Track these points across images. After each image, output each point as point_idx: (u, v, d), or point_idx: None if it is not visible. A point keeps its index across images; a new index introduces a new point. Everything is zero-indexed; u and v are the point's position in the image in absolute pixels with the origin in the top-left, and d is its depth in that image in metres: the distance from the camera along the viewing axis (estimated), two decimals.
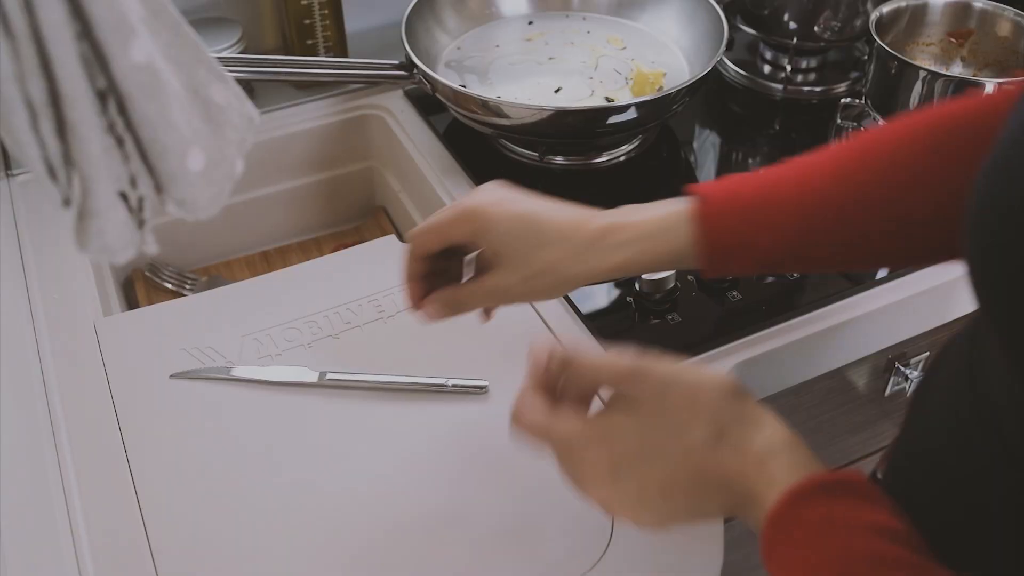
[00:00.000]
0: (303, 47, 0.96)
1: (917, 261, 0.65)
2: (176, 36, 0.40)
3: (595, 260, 0.58)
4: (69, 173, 0.37)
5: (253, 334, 0.72)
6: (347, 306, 0.74)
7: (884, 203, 0.55)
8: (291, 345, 0.71)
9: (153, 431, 0.65)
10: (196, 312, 0.74)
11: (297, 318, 0.73)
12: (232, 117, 0.43)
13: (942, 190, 0.53)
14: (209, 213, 0.41)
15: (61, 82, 0.35)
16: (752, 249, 0.56)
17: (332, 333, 0.72)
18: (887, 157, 0.55)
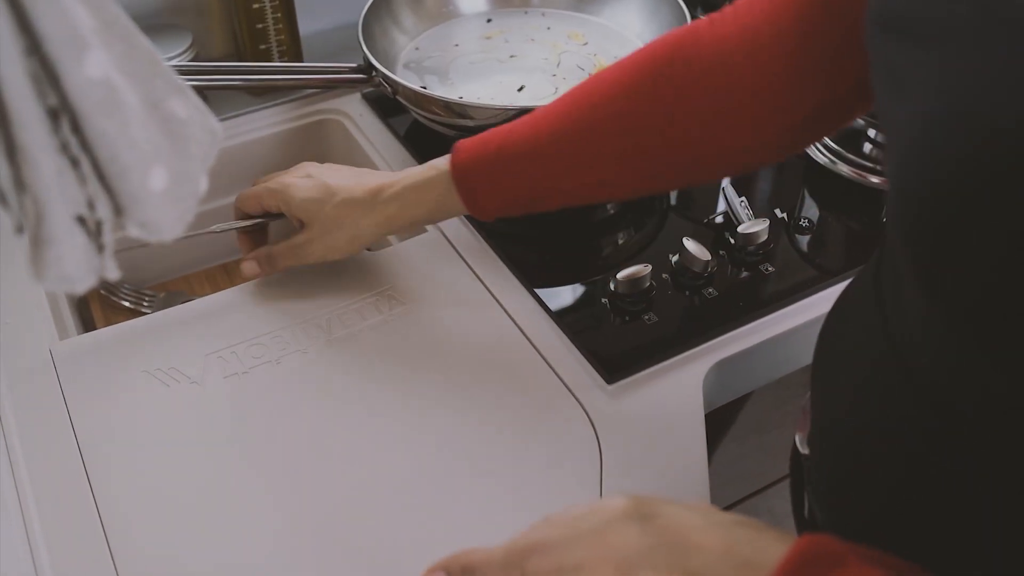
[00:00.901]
0: (256, 52, 0.93)
1: (654, 186, 0.70)
2: (130, 48, 0.38)
3: (375, 212, 0.69)
4: (21, 199, 0.35)
5: (218, 352, 0.69)
6: (313, 322, 0.72)
7: (604, 131, 0.62)
8: (258, 362, 0.68)
9: (116, 458, 0.62)
10: (156, 332, 0.71)
11: (263, 333, 0.71)
12: (195, 132, 0.40)
13: (658, 116, 0.61)
14: (174, 234, 0.39)
15: (8, 102, 0.32)
16: (499, 187, 0.66)
17: (300, 348, 0.70)
18: (607, 90, 0.62)
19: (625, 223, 0.85)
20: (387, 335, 0.70)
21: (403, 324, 0.71)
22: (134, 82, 0.37)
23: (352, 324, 0.71)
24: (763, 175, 0.90)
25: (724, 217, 0.82)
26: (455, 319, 0.72)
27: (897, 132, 0.41)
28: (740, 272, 0.77)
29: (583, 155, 0.63)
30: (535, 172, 0.65)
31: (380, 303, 0.73)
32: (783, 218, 0.82)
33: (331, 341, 0.70)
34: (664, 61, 0.61)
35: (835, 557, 0.39)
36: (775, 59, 0.58)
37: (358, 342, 0.70)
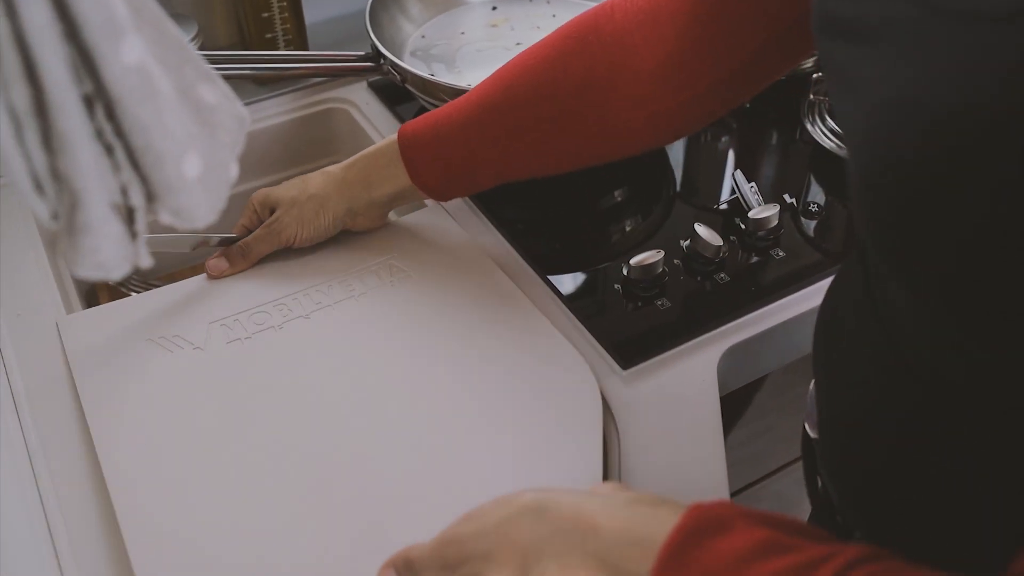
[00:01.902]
0: (262, 41, 0.93)
1: (576, 160, 0.70)
2: (160, 34, 0.38)
3: (339, 181, 0.73)
4: (57, 187, 0.35)
5: (221, 320, 0.70)
6: (316, 287, 0.73)
7: (524, 100, 0.66)
8: (260, 328, 0.69)
9: (121, 424, 0.63)
10: (161, 304, 0.72)
11: (266, 302, 0.72)
12: (223, 118, 0.40)
13: (569, 86, 0.64)
14: (207, 222, 0.39)
15: (48, 88, 0.32)
16: (436, 156, 0.69)
17: (303, 314, 0.70)
18: (529, 60, 0.66)
19: (633, 209, 0.85)
20: (390, 301, 0.71)
21: (406, 290, 0.72)
22: (165, 68, 0.37)
23: (355, 289, 0.72)
24: (769, 160, 0.91)
25: (732, 203, 0.82)
26: (459, 286, 0.73)
27: (851, 126, 0.42)
28: (751, 257, 0.77)
29: (506, 123, 0.67)
30: (466, 141, 0.68)
31: (382, 270, 0.74)
32: (792, 203, 0.83)
33: (334, 306, 0.71)
34: (578, 35, 0.65)
35: (721, 522, 0.40)
36: (668, 38, 0.61)
37: (361, 306, 0.71)
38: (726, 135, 0.95)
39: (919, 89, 0.37)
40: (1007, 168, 0.34)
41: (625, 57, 0.63)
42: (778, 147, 0.92)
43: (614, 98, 0.64)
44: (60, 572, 0.56)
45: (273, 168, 0.94)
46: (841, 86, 0.42)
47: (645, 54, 0.62)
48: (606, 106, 0.64)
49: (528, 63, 0.66)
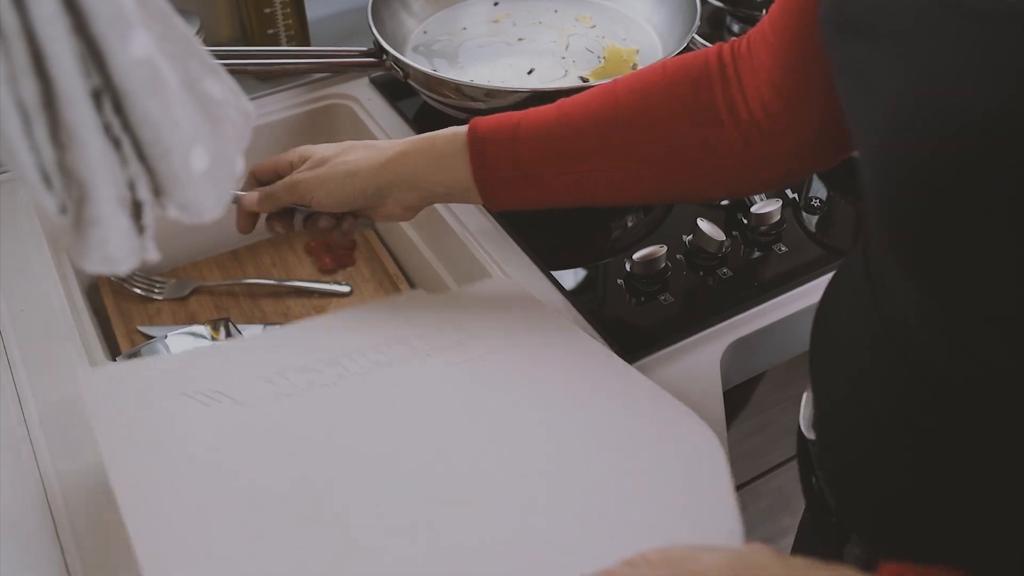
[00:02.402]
0: (264, 37, 0.93)
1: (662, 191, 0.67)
2: (167, 28, 0.38)
3: (379, 152, 0.67)
4: (65, 180, 0.35)
5: (267, 376, 0.61)
6: (374, 347, 0.63)
7: (625, 122, 0.62)
8: (312, 385, 0.60)
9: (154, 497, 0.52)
10: (194, 360, 0.64)
11: (317, 360, 0.62)
12: (229, 112, 0.40)
13: (661, 132, 0.62)
14: (214, 215, 0.39)
15: (56, 82, 0.32)
16: (511, 154, 0.64)
17: (359, 372, 0.61)
18: (640, 86, 0.63)
19: (635, 206, 0.85)
20: (453, 368, 0.62)
21: (479, 351, 0.63)
22: (172, 63, 0.37)
23: (419, 348, 0.63)
24: None
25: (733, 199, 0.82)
26: (542, 351, 0.64)
27: (868, 127, 0.41)
28: (753, 252, 0.78)
29: (605, 139, 0.63)
30: (551, 148, 0.64)
31: (446, 338, 0.65)
32: (794, 198, 0.83)
33: (393, 365, 0.62)
34: (689, 66, 0.62)
35: None
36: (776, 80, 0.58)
37: (429, 368, 0.62)
38: None
39: (942, 91, 0.36)
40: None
41: (738, 93, 0.60)
42: None
43: (726, 135, 0.61)
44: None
45: None
46: (857, 85, 0.42)
47: (752, 94, 0.59)
48: (717, 141, 0.61)
49: (637, 86, 0.63)
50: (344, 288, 0.89)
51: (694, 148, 0.62)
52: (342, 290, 0.89)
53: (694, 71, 0.62)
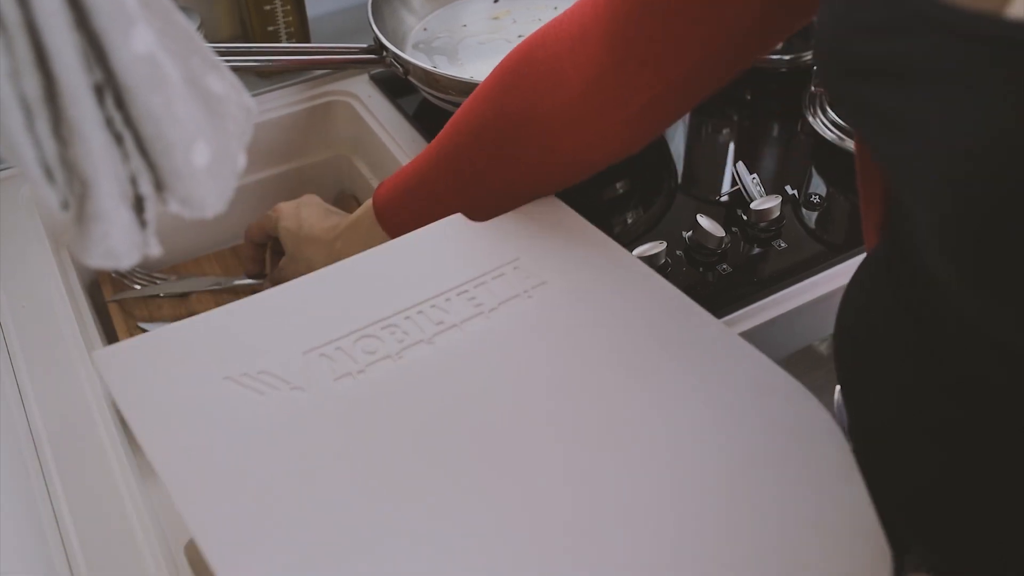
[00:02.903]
0: (264, 34, 0.93)
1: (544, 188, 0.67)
2: (168, 23, 0.38)
3: (326, 248, 0.73)
4: (67, 175, 0.35)
5: (318, 349, 0.53)
6: (431, 303, 0.57)
7: (474, 146, 0.64)
8: (374, 358, 0.53)
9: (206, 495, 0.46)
10: (232, 329, 0.54)
11: (371, 323, 0.55)
12: (231, 108, 0.40)
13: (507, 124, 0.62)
14: (216, 211, 0.39)
15: (59, 76, 0.32)
16: (412, 215, 0.67)
17: (423, 338, 0.54)
18: (474, 104, 0.65)
19: (635, 201, 0.85)
20: (533, 317, 0.56)
21: (549, 301, 0.57)
22: (174, 58, 0.37)
23: (482, 303, 0.57)
24: (771, 152, 0.91)
25: (733, 195, 0.82)
26: (612, 293, 0.58)
27: (919, 171, 0.39)
28: (753, 248, 0.78)
29: (460, 169, 0.66)
30: (433, 192, 0.67)
31: (510, 276, 0.58)
32: (793, 195, 0.83)
33: (461, 326, 0.55)
34: (514, 68, 0.63)
35: None
36: (596, 59, 0.59)
37: (496, 325, 0.55)
38: (727, 127, 0.95)
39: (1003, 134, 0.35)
40: None
41: (556, 85, 0.61)
42: (780, 139, 0.93)
43: (550, 129, 0.62)
44: None
45: (275, 161, 0.95)
46: (885, 129, 0.40)
47: (575, 79, 0.60)
48: (545, 137, 0.62)
49: (472, 105, 0.65)
50: None
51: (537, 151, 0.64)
52: None
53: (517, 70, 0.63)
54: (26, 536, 0.57)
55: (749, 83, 1.00)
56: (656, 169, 0.89)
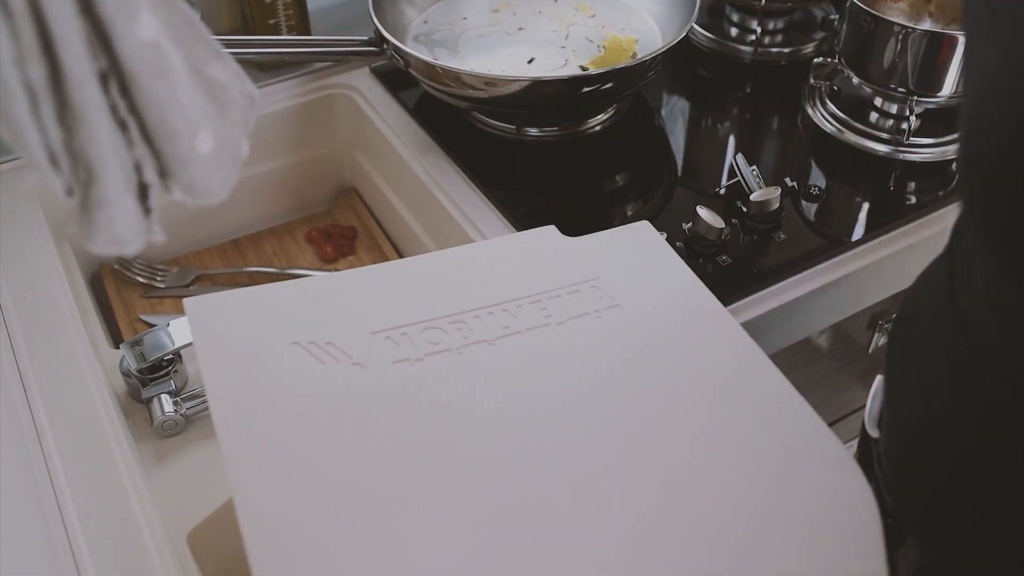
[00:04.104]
0: (265, 27, 0.93)
1: None
2: (173, 12, 0.38)
3: None
4: (73, 161, 0.35)
5: (385, 332, 0.55)
6: (503, 306, 0.57)
7: None
8: (435, 349, 0.55)
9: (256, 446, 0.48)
10: (308, 299, 0.57)
11: (440, 316, 0.56)
12: (235, 96, 0.40)
13: None
14: (220, 198, 0.39)
15: (64, 63, 0.33)
16: None
17: (486, 338, 0.55)
18: None
19: (635, 193, 0.85)
20: (596, 338, 0.56)
21: (616, 326, 0.57)
22: (178, 46, 0.38)
23: (551, 315, 0.57)
24: (770, 144, 0.91)
25: (733, 187, 0.83)
26: (680, 331, 0.58)
27: (967, 92, 0.39)
28: (752, 239, 0.78)
29: None
30: None
31: (585, 294, 0.59)
32: (793, 186, 0.83)
33: (525, 334, 0.56)
34: None
35: None
36: None
37: (559, 339, 0.56)
38: (727, 120, 0.95)
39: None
40: None
41: None
42: (779, 131, 0.93)
43: None
44: None
45: (277, 153, 0.95)
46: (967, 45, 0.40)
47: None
48: None
49: None
50: None
51: None
52: None
53: None
54: (30, 526, 0.57)
55: (749, 75, 1.01)
56: (656, 161, 0.89)
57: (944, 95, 0.84)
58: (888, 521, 0.57)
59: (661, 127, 0.94)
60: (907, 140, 0.86)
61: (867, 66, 0.86)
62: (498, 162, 0.87)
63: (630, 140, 0.91)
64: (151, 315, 0.85)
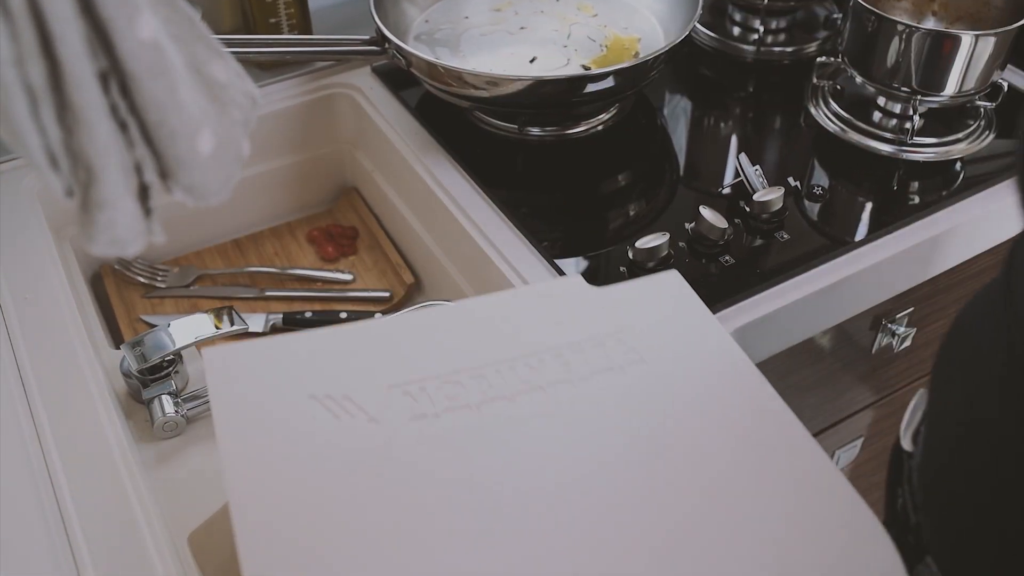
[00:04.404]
0: (266, 26, 0.93)
1: None
2: (173, 11, 0.38)
3: None
4: (73, 162, 0.35)
5: (403, 385, 0.54)
6: (524, 359, 0.56)
7: None
8: (453, 405, 0.53)
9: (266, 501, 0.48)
10: (331, 350, 0.56)
11: (460, 369, 0.55)
12: (235, 96, 0.40)
13: None
14: (220, 198, 0.39)
15: (64, 63, 0.33)
16: None
17: (506, 394, 0.54)
18: None
19: (638, 193, 0.85)
20: (620, 396, 0.54)
21: (641, 383, 0.55)
22: (178, 45, 0.37)
23: (574, 368, 0.55)
24: (773, 144, 0.91)
25: (736, 187, 0.82)
26: (708, 392, 0.56)
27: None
28: (755, 240, 0.78)
29: None
30: None
31: (610, 346, 0.57)
32: (796, 186, 0.83)
33: (547, 389, 0.54)
34: None
35: None
36: None
37: (581, 396, 0.54)
38: (730, 119, 0.95)
39: None
40: None
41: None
42: (782, 131, 0.93)
43: None
44: None
45: (277, 154, 0.95)
46: None
47: None
48: None
49: None
50: (347, 276, 0.89)
51: None
52: (344, 278, 0.89)
53: None
54: (30, 527, 0.57)
55: (752, 75, 1.00)
56: (658, 161, 0.89)
57: (947, 94, 0.83)
58: (910, 539, 0.56)
59: (663, 127, 0.93)
60: (910, 140, 0.86)
61: (870, 65, 0.85)
62: (500, 162, 0.87)
63: (632, 140, 0.91)
64: (152, 315, 0.85)
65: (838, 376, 0.91)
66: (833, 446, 1.00)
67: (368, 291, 0.89)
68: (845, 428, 0.98)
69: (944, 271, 0.84)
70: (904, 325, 0.89)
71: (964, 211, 0.81)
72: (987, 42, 0.80)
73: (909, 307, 0.88)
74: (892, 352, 0.92)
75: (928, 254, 0.81)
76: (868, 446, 1.05)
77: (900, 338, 0.89)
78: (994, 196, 0.83)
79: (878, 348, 0.90)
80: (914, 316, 0.90)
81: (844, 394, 0.94)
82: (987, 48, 0.80)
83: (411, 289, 0.90)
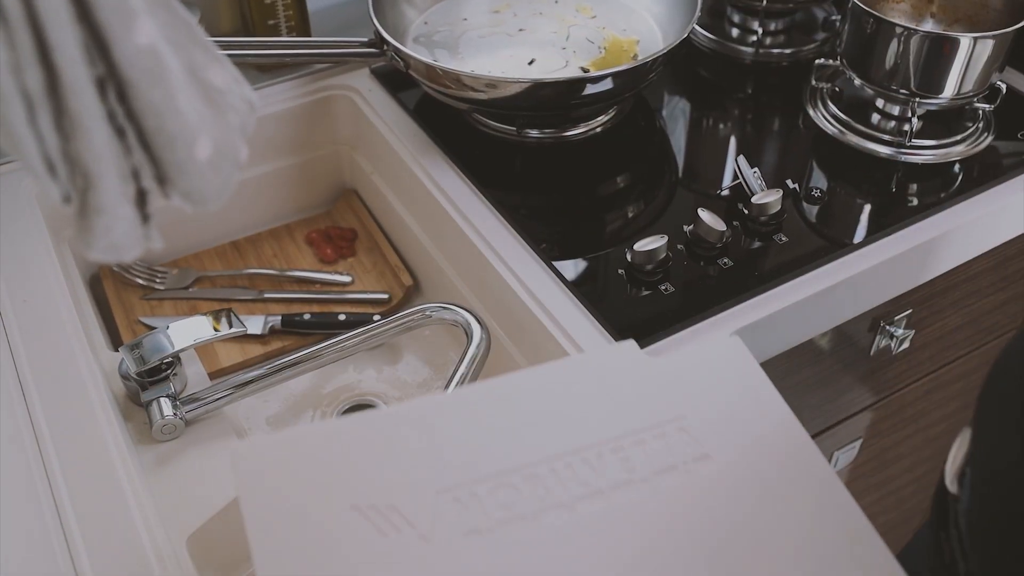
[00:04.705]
0: (265, 28, 0.93)
1: None
2: (171, 16, 0.38)
3: None
4: (70, 168, 0.35)
5: (453, 490, 0.49)
6: (582, 454, 0.51)
7: None
8: (507, 515, 0.48)
9: None
10: (371, 445, 0.51)
11: (513, 468, 0.50)
12: (233, 101, 0.40)
13: None
14: (218, 204, 0.39)
15: (61, 70, 0.33)
16: None
17: (564, 501, 0.49)
18: None
19: (636, 195, 0.85)
20: (685, 498, 0.50)
21: (706, 482, 0.51)
22: (176, 51, 0.37)
23: (635, 467, 0.51)
24: (772, 146, 0.91)
25: (734, 189, 0.82)
26: (778, 489, 0.51)
27: None
28: (754, 242, 0.78)
29: None
30: None
31: (672, 439, 0.52)
32: (794, 188, 0.83)
33: (607, 493, 0.50)
34: None
35: None
36: None
37: (644, 500, 0.50)
38: (728, 121, 0.95)
39: None
40: None
41: None
42: (781, 133, 0.93)
43: None
44: None
45: (276, 155, 0.95)
46: None
47: None
48: None
49: None
50: (345, 278, 0.89)
51: None
52: (343, 280, 0.89)
53: None
54: (28, 530, 0.57)
55: (750, 77, 1.00)
56: (657, 163, 0.89)
57: (946, 96, 0.84)
58: None
59: (662, 128, 0.93)
60: (909, 142, 0.86)
61: (869, 67, 0.85)
62: (498, 163, 0.87)
63: (631, 142, 0.91)
64: (150, 317, 0.85)
65: (836, 378, 0.91)
66: (832, 447, 1.00)
67: (366, 293, 0.89)
68: (844, 430, 0.98)
69: (942, 273, 0.84)
70: (902, 327, 0.89)
71: (963, 213, 0.81)
72: (985, 44, 0.80)
73: (907, 309, 0.88)
74: (890, 354, 0.92)
75: (926, 256, 0.81)
76: (866, 447, 1.05)
77: (898, 340, 0.89)
78: (993, 198, 0.83)
79: (876, 350, 0.90)
80: (912, 318, 0.90)
81: (842, 396, 0.94)
82: (985, 50, 0.80)
83: (409, 291, 0.90)
